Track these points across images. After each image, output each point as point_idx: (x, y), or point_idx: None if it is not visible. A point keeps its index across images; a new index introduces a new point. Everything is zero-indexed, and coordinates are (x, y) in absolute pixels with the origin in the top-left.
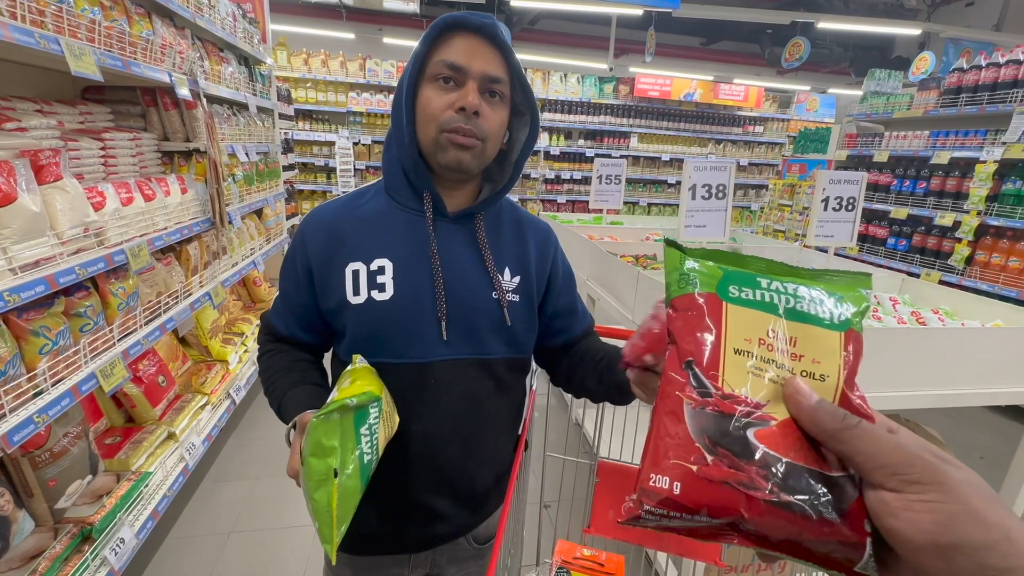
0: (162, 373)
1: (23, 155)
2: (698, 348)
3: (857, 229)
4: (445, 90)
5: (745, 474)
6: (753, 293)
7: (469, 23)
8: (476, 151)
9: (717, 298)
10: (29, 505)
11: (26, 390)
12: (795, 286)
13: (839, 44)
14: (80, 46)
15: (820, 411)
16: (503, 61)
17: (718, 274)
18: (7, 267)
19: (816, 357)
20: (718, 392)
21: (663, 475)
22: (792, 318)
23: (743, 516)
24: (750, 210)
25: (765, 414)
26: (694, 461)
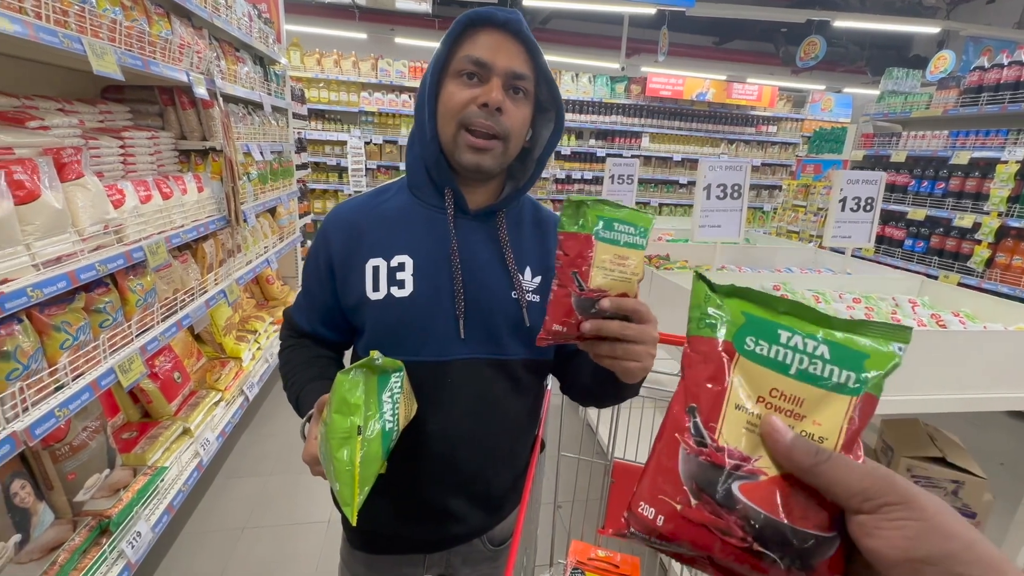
0: (178, 369)
1: (46, 153)
2: (703, 396)
3: (875, 230)
4: (468, 85)
5: (724, 522)
6: (768, 348)
7: (495, 18)
8: (495, 152)
9: (731, 347)
10: (49, 498)
11: (47, 384)
12: (816, 343)
13: (855, 43)
14: (102, 46)
15: (795, 448)
16: (528, 57)
17: (739, 320)
18: (30, 263)
19: (818, 419)
20: (713, 444)
21: (650, 506)
22: (802, 379)
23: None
24: (762, 211)
25: (756, 468)
26: (679, 501)
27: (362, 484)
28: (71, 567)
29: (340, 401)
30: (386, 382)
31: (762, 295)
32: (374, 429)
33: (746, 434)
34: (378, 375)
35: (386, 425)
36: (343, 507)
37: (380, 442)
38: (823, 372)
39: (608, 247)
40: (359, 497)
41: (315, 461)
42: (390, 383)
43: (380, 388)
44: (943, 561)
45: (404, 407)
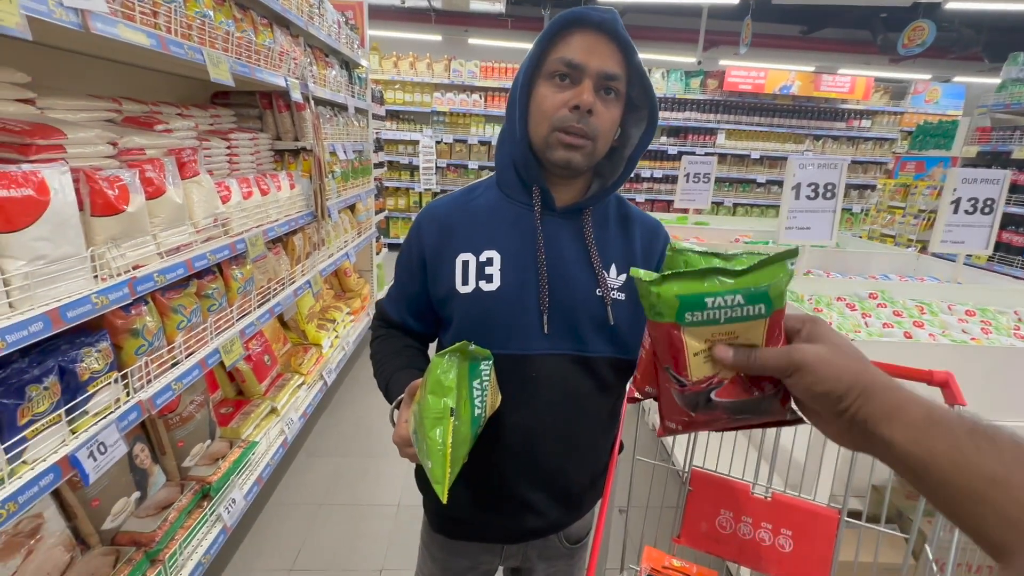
0: (267, 353)
1: (170, 153)
2: (671, 358)
3: (995, 235)
4: (561, 88)
5: (713, 416)
6: (702, 314)
7: (589, 19)
8: (586, 150)
9: (677, 325)
10: (162, 462)
11: (166, 360)
12: (733, 295)
13: (970, 25)
14: (218, 55)
15: (735, 360)
16: (622, 57)
17: (674, 304)
18: (156, 251)
19: (749, 338)
20: (689, 382)
21: (671, 422)
22: (730, 321)
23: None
24: (852, 212)
25: (719, 379)
26: (684, 416)
27: (453, 464)
28: (179, 525)
29: (435, 383)
30: (476, 369)
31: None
32: (465, 413)
33: (706, 364)
34: (469, 361)
35: (475, 410)
36: (434, 485)
37: (469, 427)
38: (742, 313)
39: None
40: (450, 476)
41: (405, 443)
42: (480, 370)
43: (471, 374)
44: (825, 397)
45: (491, 396)
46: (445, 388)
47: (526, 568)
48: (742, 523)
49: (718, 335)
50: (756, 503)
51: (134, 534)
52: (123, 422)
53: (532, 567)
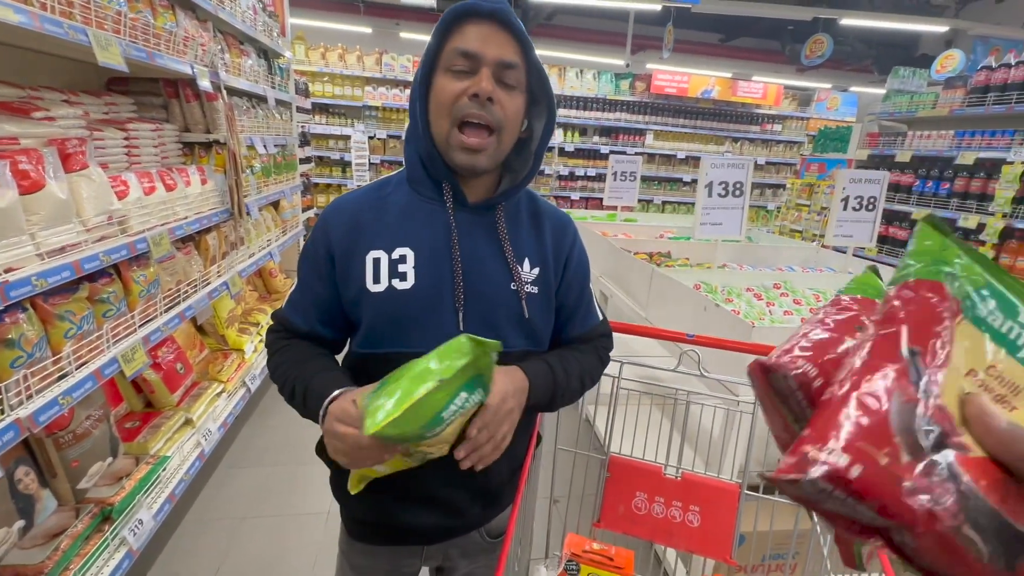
0: (180, 360)
1: (51, 143)
2: (930, 343)
3: (877, 230)
4: (458, 78)
5: (939, 491)
6: (1003, 321)
7: (480, 9)
8: (488, 151)
9: (959, 306)
10: (52, 485)
11: (51, 372)
12: None
13: (862, 41)
14: (107, 37)
15: (1014, 436)
16: (518, 46)
17: (980, 281)
18: (35, 252)
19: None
20: (937, 399)
21: (843, 452)
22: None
23: (915, 528)
24: (766, 209)
25: (964, 442)
26: (887, 454)
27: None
28: (74, 553)
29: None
30: (473, 387)
31: (1002, 269)
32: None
33: (955, 402)
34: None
35: (441, 414)
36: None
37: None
38: None
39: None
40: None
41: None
42: (474, 392)
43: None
44: None
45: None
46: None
47: (448, 566)
48: (656, 503)
49: (995, 376)
50: (668, 483)
51: (17, 567)
52: None
53: (454, 565)
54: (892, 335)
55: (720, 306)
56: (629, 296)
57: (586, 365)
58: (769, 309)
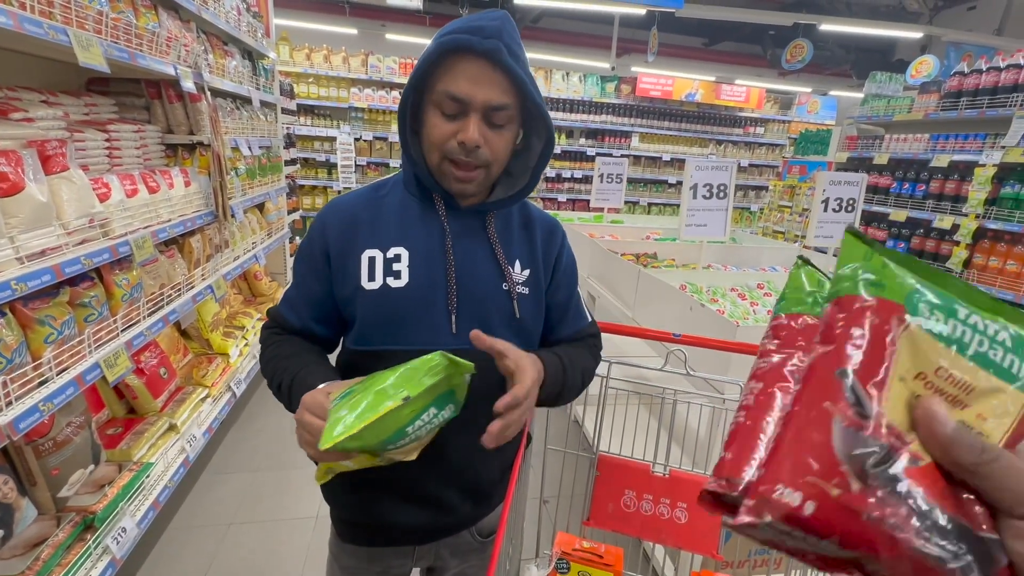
0: (164, 365)
1: (30, 145)
2: (863, 360)
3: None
4: (448, 119)
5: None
6: (945, 321)
7: (473, 49)
8: (479, 179)
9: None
10: (32, 493)
11: (31, 379)
12: (998, 328)
13: (841, 46)
14: (88, 37)
15: (957, 442)
16: (509, 85)
17: (908, 285)
18: (14, 256)
19: (983, 412)
20: (877, 416)
21: (794, 490)
22: (978, 363)
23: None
24: (750, 211)
25: (913, 452)
26: (836, 485)
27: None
28: (55, 563)
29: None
30: (443, 404)
31: (932, 270)
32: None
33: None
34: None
35: (407, 428)
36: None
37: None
38: (1003, 360)
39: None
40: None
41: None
42: (445, 406)
43: (440, 399)
44: None
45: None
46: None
47: (439, 566)
48: (644, 501)
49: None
50: (656, 481)
51: None
52: None
53: (445, 565)
54: (827, 358)
55: (705, 306)
56: (616, 297)
57: (584, 362)
58: (753, 309)
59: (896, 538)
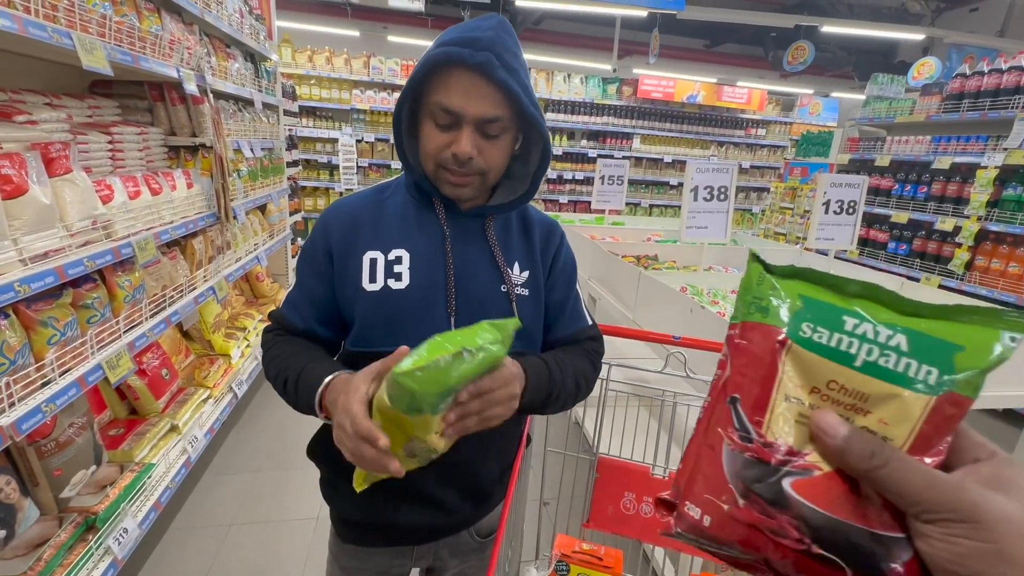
0: (166, 366)
1: (34, 148)
2: (747, 386)
3: (857, 233)
4: (441, 130)
5: (776, 522)
6: (829, 336)
7: (464, 63)
8: (474, 185)
9: (782, 335)
10: (34, 494)
11: (34, 380)
12: (891, 332)
13: (843, 48)
14: (91, 41)
15: (848, 451)
16: (502, 98)
17: (796, 305)
18: (17, 258)
19: (885, 417)
20: (759, 439)
21: (696, 505)
22: (869, 372)
23: (770, 558)
24: (751, 212)
25: (809, 463)
26: (725, 500)
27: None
28: (57, 563)
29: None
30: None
31: (829, 277)
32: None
33: (797, 427)
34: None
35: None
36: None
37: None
38: (896, 366)
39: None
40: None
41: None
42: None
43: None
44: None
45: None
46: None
47: (438, 566)
48: (644, 503)
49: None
50: (656, 483)
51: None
52: None
53: (444, 565)
54: (722, 384)
55: (706, 308)
56: (617, 299)
57: (578, 365)
58: None
59: (779, 543)
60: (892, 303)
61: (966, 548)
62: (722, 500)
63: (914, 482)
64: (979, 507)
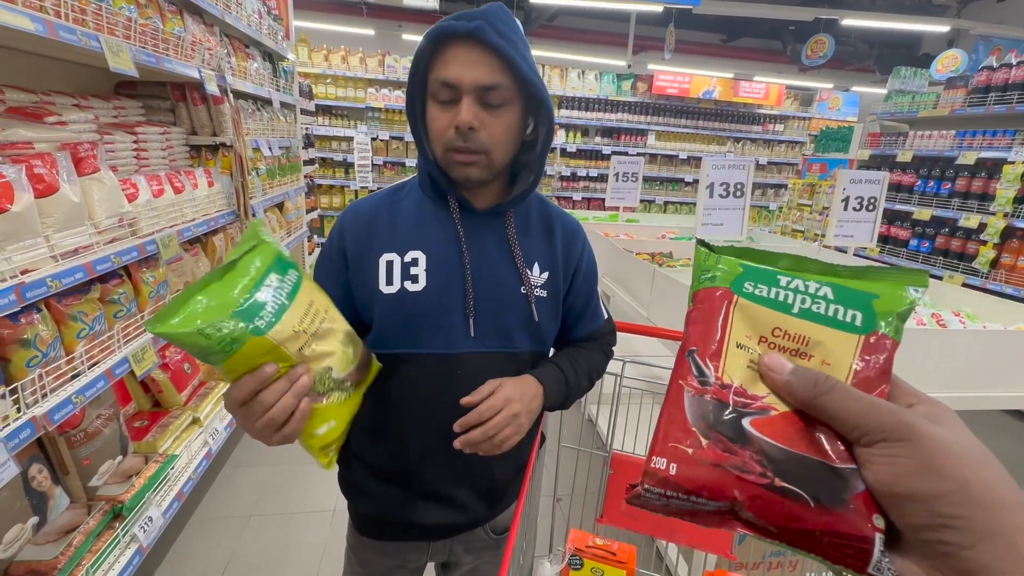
0: (188, 360)
1: (64, 148)
2: (702, 339)
3: (878, 230)
4: (444, 108)
5: (739, 458)
6: (768, 290)
7: (456, 31)
8: (480, 164)
9: (729, 292)
10: (65, 482)
11: (64, 372)
12: (819, 285)
13: (864, 41)
14: (118, 43)
15: (792, 383)
16: (500, 64)
17: (737, 270)
18: (49, 254)
19: (826, 358)
20: (717, 381)
21: (662, 457)
22: (805, 317)
23: (736, 498)
24: (768, 209)
25: (765, 404)
26: (690, 444)
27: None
28: (86, 549)
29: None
30: (282, 269)
31: (762, 253)
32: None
33: (750, 372)
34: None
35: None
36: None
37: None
38: (827, 311)
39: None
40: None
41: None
42: (286, 272)
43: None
44: (927, 500)
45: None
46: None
47: (453, 562)
48: None
49: (783, 335)
50: None
51: (32, 563)
52: (13, 441)
53: (459, 560)
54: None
55: None
56: (631, 296)
57: (593, 363)
58: None
59: (744, 479)
60: (815, 269)
61: (902, 466)
62: (687, 445)
63: (854, 408)
64: (914, 427)
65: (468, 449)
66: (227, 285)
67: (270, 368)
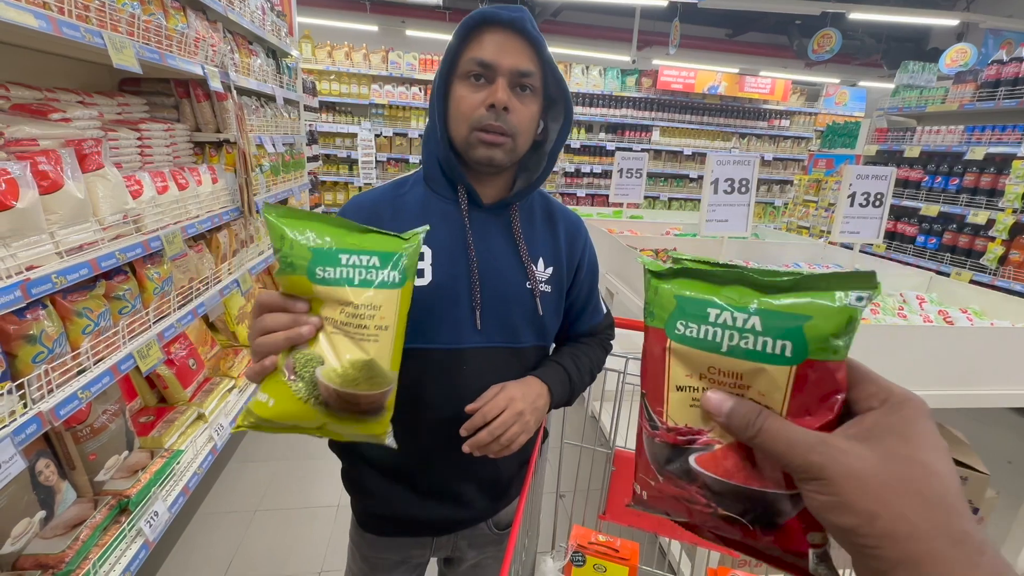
0: (193, 356)
1: (68, 144)
2: (650, 382)
3: (884, 226)
4: (476, 87)
5: (686, 492)
6: (697, 330)
7: (498, 18)
8: (506, 147)
9: (663, 335)
10: (71, 477)
11: (70, 368)
12: (746, 316)
13: (871, 35)
14: (121, 40)
15: (731, 424)
16: (534, 54)
17: (671, 306)
18: (54, 251)
19: (762, 390)
20: (663, 426)
21: (637, 483)
22: (734, 355)
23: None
24: (773, 206)
25: (710, 439)
26: (651, 478)
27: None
28: (92, 543)
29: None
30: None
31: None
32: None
33: (694, 410)
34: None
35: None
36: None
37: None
38: (754, 345)
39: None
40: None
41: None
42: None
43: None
44: (843, 532)
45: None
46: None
47: (456, 557)
48: None
49: (718, 373)
50: None
51: (39, 556)
52: (20, 436)
53: (462, 556)
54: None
55: None
56: (635, 293)
57: (594, 358)
58: None
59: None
60: (756, 283)
61: (819, 502)
62: (650, 478)
63: (776, 449)
64: (825, 467)
65: (477, 452)
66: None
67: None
